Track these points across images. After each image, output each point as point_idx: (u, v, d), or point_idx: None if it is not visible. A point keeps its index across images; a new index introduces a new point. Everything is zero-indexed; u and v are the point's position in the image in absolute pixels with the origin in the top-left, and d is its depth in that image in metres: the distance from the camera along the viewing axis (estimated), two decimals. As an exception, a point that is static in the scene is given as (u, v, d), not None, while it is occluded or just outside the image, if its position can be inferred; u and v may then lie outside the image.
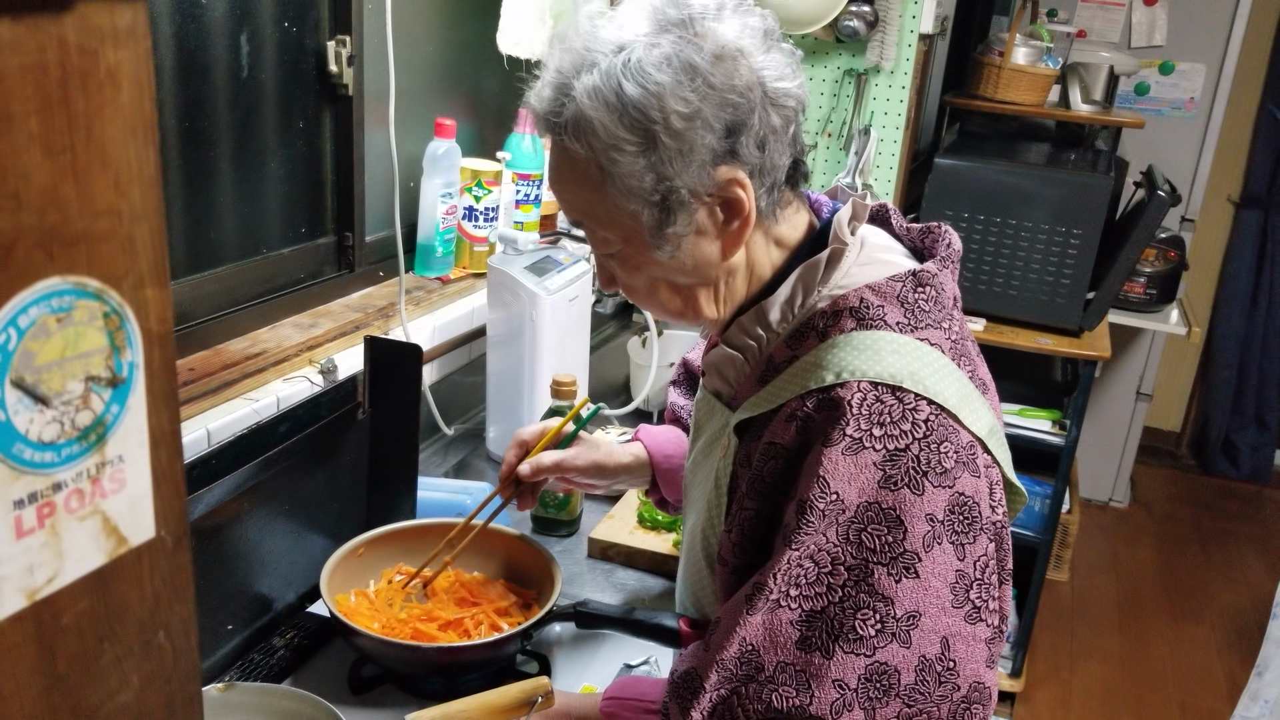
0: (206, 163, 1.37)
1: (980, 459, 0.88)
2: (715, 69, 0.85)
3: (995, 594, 0.88)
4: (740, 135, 0.87)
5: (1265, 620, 2.26)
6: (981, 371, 0.95)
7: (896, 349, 0.88)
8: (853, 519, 0.83)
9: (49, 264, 0.41)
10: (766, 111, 0.88)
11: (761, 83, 0.87)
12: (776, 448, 0.89)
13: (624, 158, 0.87)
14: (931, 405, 0.85)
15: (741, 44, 0.87)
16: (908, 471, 0.83)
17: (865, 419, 0.84)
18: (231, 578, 1.19)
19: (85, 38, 0.41)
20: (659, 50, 0.85)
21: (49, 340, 0.42)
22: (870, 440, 0.84)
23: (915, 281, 0.92)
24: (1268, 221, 4.15)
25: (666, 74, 0.84)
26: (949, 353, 0.90)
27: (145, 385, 0.46)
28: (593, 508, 1.59)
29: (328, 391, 1.31)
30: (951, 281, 0.95)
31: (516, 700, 1.07)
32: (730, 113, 0.86)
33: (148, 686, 0.49)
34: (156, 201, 0.46)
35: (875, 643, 0.82)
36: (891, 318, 0.89)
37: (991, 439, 0.90)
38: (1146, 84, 4.07)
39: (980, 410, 0.90)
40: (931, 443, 0.84)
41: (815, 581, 0.83)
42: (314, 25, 1.51)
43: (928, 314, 0.91)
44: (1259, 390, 4.31)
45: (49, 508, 0.43)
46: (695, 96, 0.85)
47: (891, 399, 0.85)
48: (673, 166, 0.87)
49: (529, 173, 1.88)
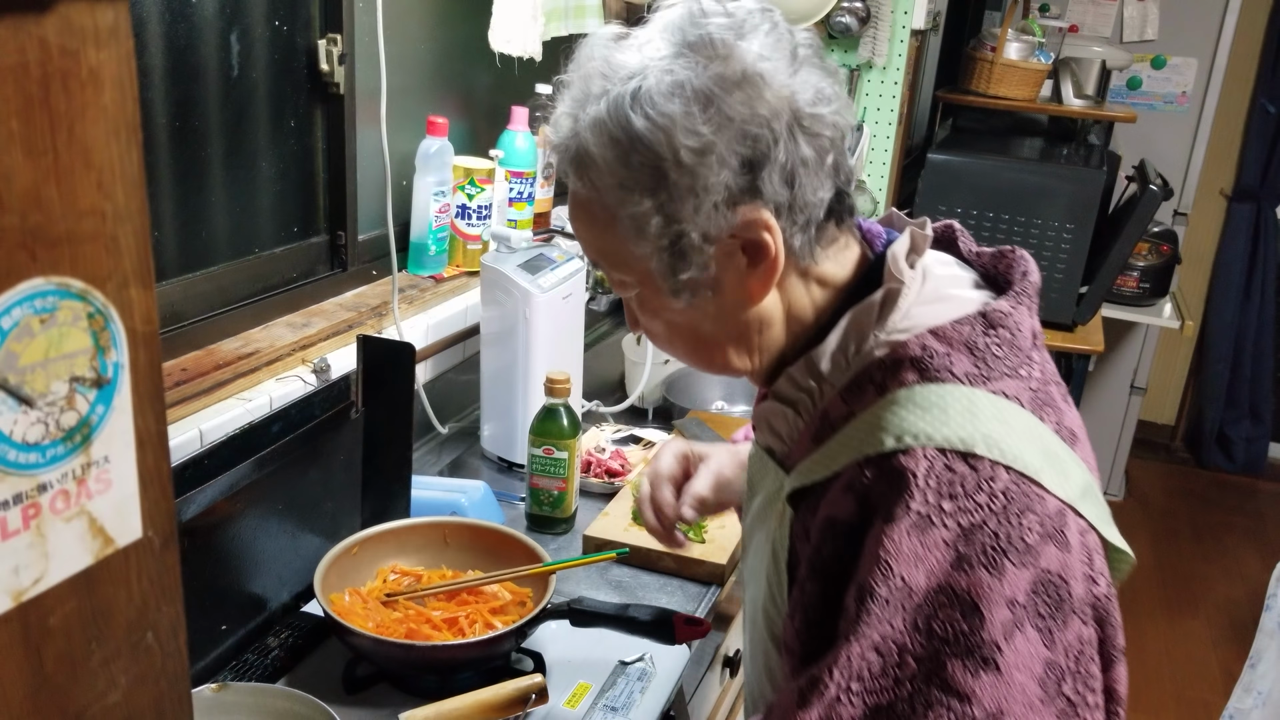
0: (198, 162, 1.37)
1: (1072, 527, 0.75)
2: (732, 95, 0.76)
3: (1096, 685, 0.75)
4: (762, 170, 0.77)
5: (1259, 612, 2.26)
6: (1070, 419, 0.83)
7: (967, 407, 0.76)
8: (921, 605, 0.72)
9: (32, 265, 0.41)
10: (795, 141, 0.78)
11: (790, 109, 0.77)
12: (835, 524, 0.78)
13: (630, 197, 0.79)
14: (1010, 472, 0.74)
15: (764, 66, 0.77)
16: (984, 550, 0.72)
17: (933, 492, 0.73)
18: (225, 578, 1.19)
19: (66, 38, 0.41)
20: (671, 77, 0.76)
21: (33, 341, 0.42)
22: (940, 516, 0.73)
23: (986, 323, 0.80)
24: (1260, 215, 4.16)
25: (676, 104, 0.76)
26: (1030, 405, 0.78)
27: (131, 386, 0.46)
28: (587, 505, 1.59)
29: (321, 391, 1.31)
30: (1030, 318, 0.83)
31: (511, 698, 1.08)
32: (750, 145, 0.76)
33: (136, 687, 0.49)
34: (140, 202, 0.45)
35: None
36: (959, 368, 0.78)
37: (1085, 500, 0.78)
38: (1139, 78, 4.08)
39: (1070, 468, 0.78)
40: (1011, 515, 0.73)
41: (880, 675, 0.72)
42: (305, 24, 1.51)
43: (1002, 361, 0.79)
44: (1253, 383, 4.32)
45: (34, 509, 0.43)
46: (708, 129, 0.75)
47: (963, 467, 0.74)
48: (684, 208, 0.78)
49: (522, 170, 1.88)
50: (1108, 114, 3.07)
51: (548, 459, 1.49)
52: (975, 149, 2.74)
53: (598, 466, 1.68)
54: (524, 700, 1.07)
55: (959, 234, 0.92)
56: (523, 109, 1.88)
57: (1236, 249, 4.20)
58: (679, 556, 1.43)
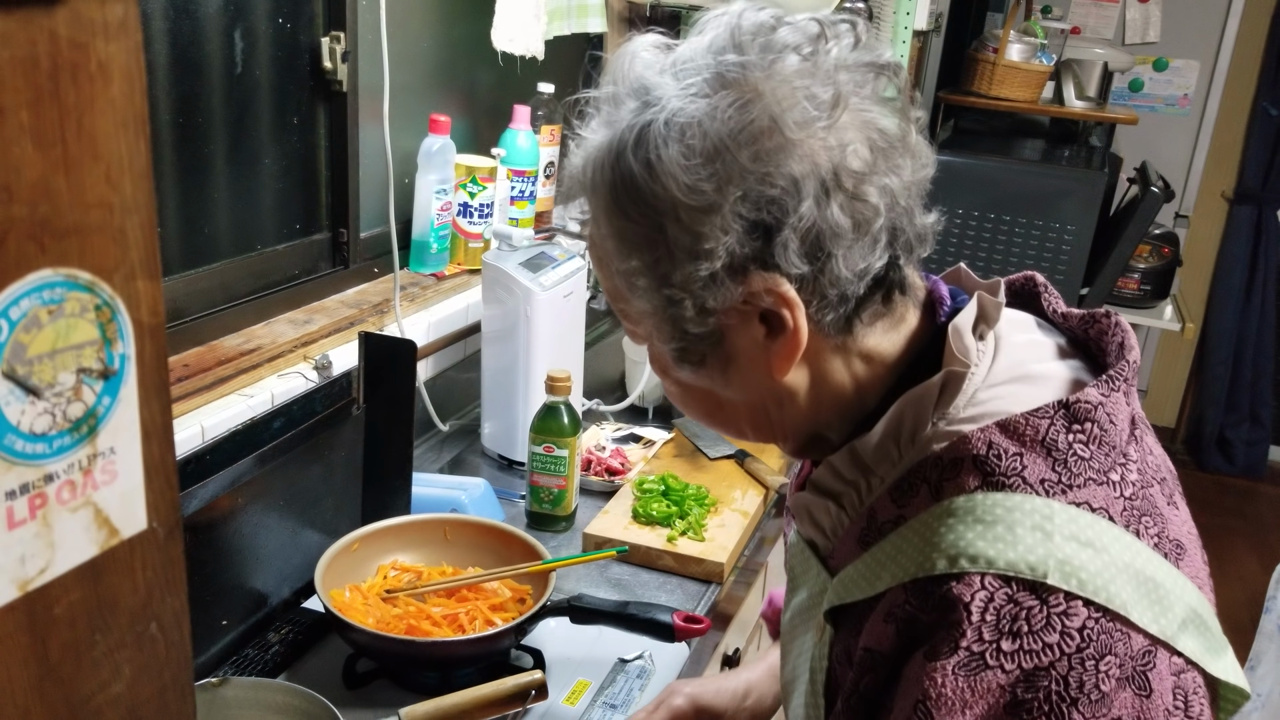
0: (201, 159, 1.37)
1: (1161, 669, 0.63)
2: (747, 148, 0.64)
3: None
4: (776, 237, 0.65)
5: (1259, 615, 2.27)
6: (1175, 527, 0.69)
7: (1040, 524, 0.63)
8: None
9: (40, 256, 0.41)
10: (826, 206, 0.65)
11: (825, 168, 0.65)
12: (874, 656, 0.67)
13: (621, 249, 0.69)
14: (1091, 606, 0.61)
15: (797, 112, 0.64)
16: (1049, 697, 0.60)
17: (991, 628, 0.61)
18: (226, 573, 1.19)
19: (76, 31, 0.41)
20: (683, 117, 0.65)
21: (40, 332, 0.42)
22: (997, 657, 0.61)
23: (1069, 416, 0.66)
24: (1262, 217, 4.17)
25: (676, 150, 0.65)
26: (1123, 518, 0.65)
27: (137, 377, 0.47)
28: (587, 503, 1.60)
29: (322, 387, 1.32)
30: (1127, 404, 0.69)
31: (510, 694, 1.08)
32: (762, 208, 0.65)
33: (140, 678, 0.50)
34: (147, 194, 0.46)
35: None
36: (1033, 474, 0.64)
37: (1186, 631, 0.65)
38: (1140, 80, 4.08)
39: (1171, 597, 0.64)
40: (1087, 659, 0.60)
41: None
42: (308, 21, 1.51)
43: (1089, 463, 0.65)
44: (1253, 386, 4.33)
45: (41, 499, 0.43)
46: (711, 185, 0.64)
47: (1031, 600, 0.61)
48: (677, 271, 0.67)
49: (524, 169, 1.88)
50: (1109, 116, 3.07)
51: (548, 457, 1.49)
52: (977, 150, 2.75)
53: (598, 465, 1.69)
54: (523, 697, 1.08)
55: (1042, 289, 0.78)
56: (525, 108, 1.88)
57: (1237, 252, 4.21)
58: (679, 555, 1.43)
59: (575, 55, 2.34)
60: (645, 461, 1.69)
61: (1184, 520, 0.71)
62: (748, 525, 1.52)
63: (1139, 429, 0.70)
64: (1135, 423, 0.70)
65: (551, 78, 2.00)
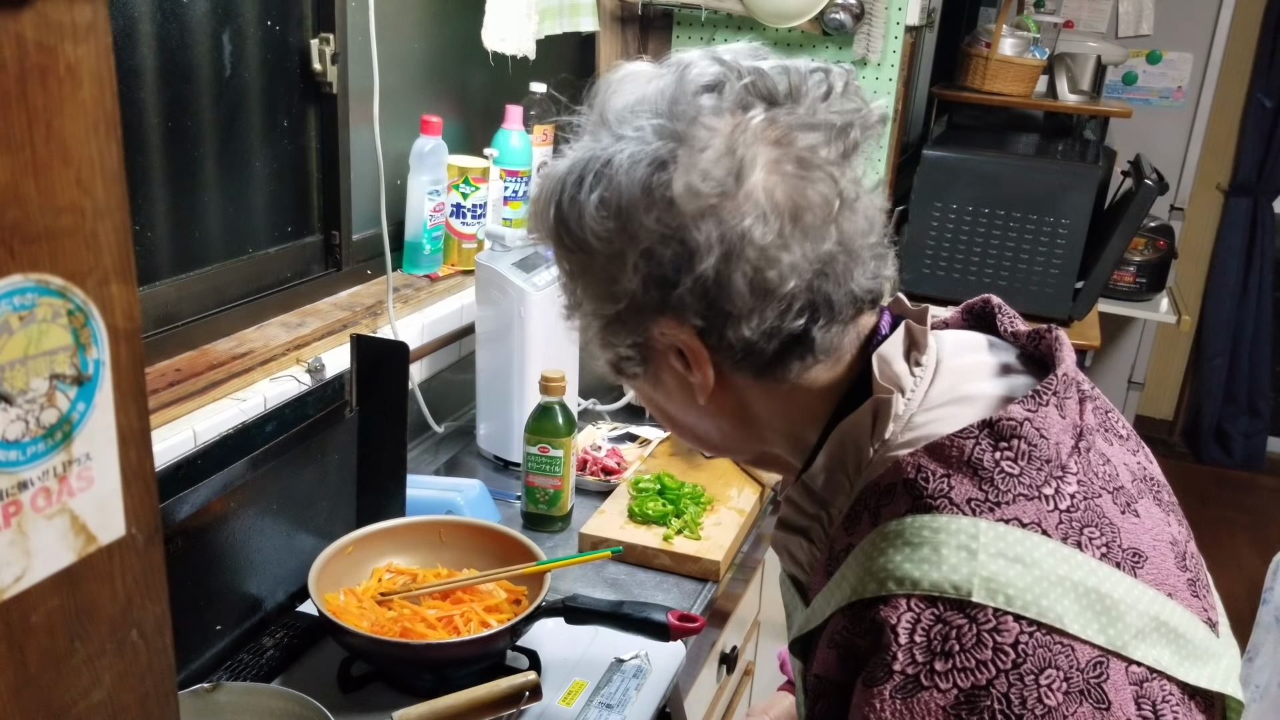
0: (191, 162, 1.36)
1: (1116, 679, 0.62)
2: (653, 209, 0.67)
3: None
4: (673, 291, 0.69)
5: (1257, 606, 2.27)
6: (1130, 537, 0.68)
7: (965, 544, 0.63)
8: None
9: (10, 261, 0.41)
10: (725, 273, 0.67)
11: (730, 238, 0.67)
12: (823, 683, 0.68)
13: (560, 266, 0.75)
14: (1022, 621, 0.61)
15: (706, 184, 0.66)
16: (993, 717, 0.60)
17: (921, 649, 0.62)
18: (219, 577, 1.19)
19: (44, 34, 0.41)
20: (615, 162, 0.68)
21: (11, 338, 0.42)
22: (931, 678, 0.61)
23: (993, 435, 0.66)
24: (1257, 209, 4.16)
25: (595, 197, 0.69)
26: (1058, 531, 0.65)
27: (112, 383, 0.46)
28: (583, 503, 1.59)
29: (315, 390, 1.31)
30: (1061, 416, 0.69)
31: (505, 696, 1.08)
32: (663, 265, 0.68)
33: (121, 685, 0.49)
34: (120, 197, 0.45)
35: None
36: (959, 494, 0.65)
37: (1145, 640, 0.64)
38: (1134, 73, 4.08)
39: (1121, 606, 0.64)
40: (1026, 674, 0.60)
41: None
42: (297, 23, 1.51)
43: (1016, 479, 0.65)
44: (1250, 377, 4.32)
45: (15, 506, 0.43)
46: (619, 238, 0.69)
47: (960, 619, 0.62)
48: (596, 301, 0.73)
49: (517, 169, 1.88)
50: (1103, 109, 3.07)
51: (543, 457, 1.49)
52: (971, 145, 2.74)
53: (594, 464, 1.68)
54: (518, 698, 1.07)
55: (997, 310, 0.79)
56: (517, 107, 1.88)
57: (1233, 243, 4.20)
58: (675, 554, 1.43)
59: (567, 54, 2.34)
60: (641, 460, 1.69)
61: (1148, 528, 0.70)
62: (744, 523, 1.52)
63: (1086, 439, 0.70)
64: (1082, 434, 0.69)
65: (543, 77, 2.00)
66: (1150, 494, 0.75)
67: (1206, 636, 0.69)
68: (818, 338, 0.71)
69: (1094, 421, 0.73)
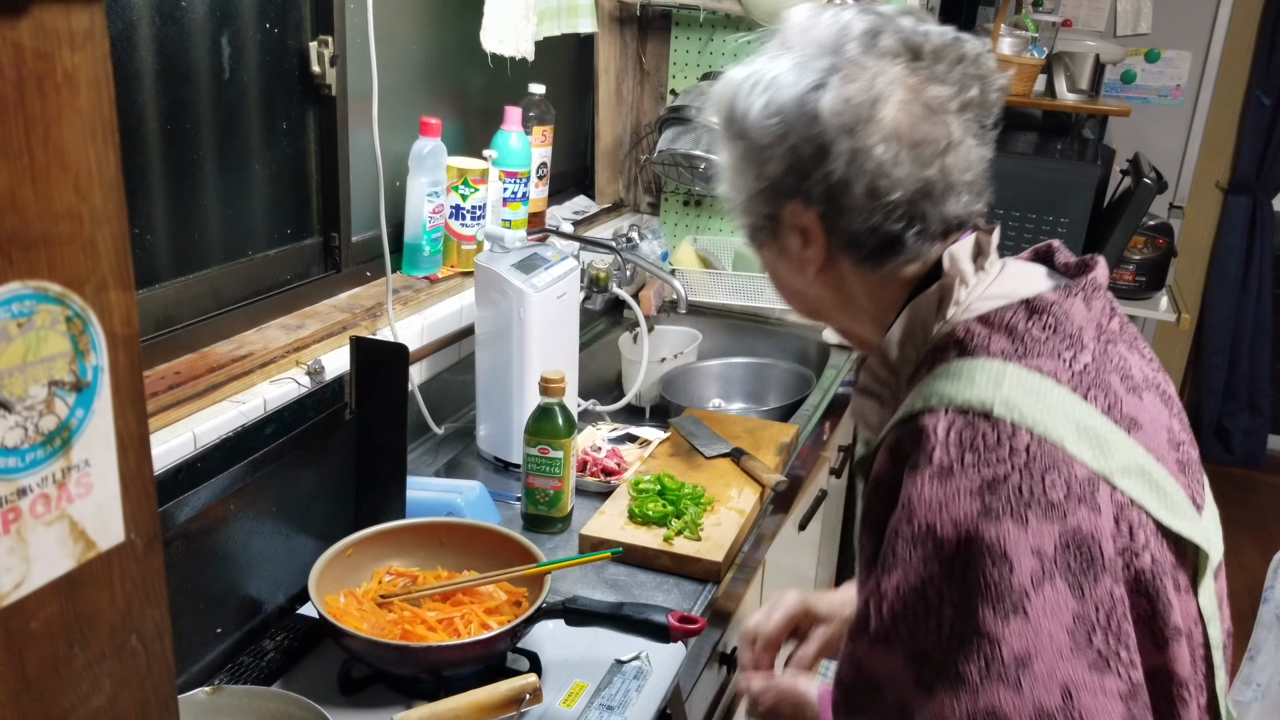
0: (190, 165, 1.36)
1: (1104, 495, 0.78)
2: (805, 119, 0.85)
3: (1130, 643, 0.77)
4: (803, 183, 0.87)
5: (1258, 605, 2.26)
6: (1129, 407, 0.84)
7: (993, 376, 0.81)
8: (954, 554, 0.76)
9: (8, 268, 0.41)
10: (848, 176, 0.85)
11: (859, 150, 0.84)
12: (878, 481, 0.85)
13: (721, 148, 0.94)
14: (1032, 435, 0.78)
15: (847, 112, 0.84)
16: (1009, 501, 0.76)
17: (954, 445, 0.78)
18: (220, 580, 1.19)
19: (41, 41, 0.41)
20: (783, 79, 0.87)
21: (10, 345, 0.42)
22: (960, 467, 0.77)
23: (1028, 309, 0.85)
24: (1256, 206, 4.16)
25: (762, 99, 0.88)
26: (1069, 382, 0.82)
27: (111, 389, 0.46)
28: (583, 504, 1.59)
29: (315, 393, 1.31)
30: (1085, 310, 0.86)
31: (506, 698, 1.08)
32: (801, 160, 0.86)
33: (121, 690, 0.49)
34: (118, 204, 0.45)
35: (981, 687, 0.74)
36: (996, 346, 0.84)
37: (1131, 479, 0.80)
38: (1133, 72, 4.08)
39: (1112, 445, 0.80)
40: (1034, 471, 0.76)
41: (912, 615, 0.78)
42: (296, 26, 1.51)
43: (1041, 342, 0.83)
44: (1250, 375, 4.32)
45: (14, 513, 0.43)
46: (775, 133, 0.87)
47: (984, 425, 0.79)
48: (743, 178, 0.92)
49: (516, 170, 1.88)
50: (1102, 108, 3.06)
51: (543, 458, 1.49)
52: (970, 144, 2.74)
53: (594, 465, 1.68)
54: (518, 700, 1.07)
55: (1057, 250, 0.97)
56: (516, 109, 1.88)
57: (1233, 241, 4.20)
58: (676, 554, 1.43)
59: (566, 56, 2.34)
60: (641, 461, 1.69)
61: (1148, 410, 0.86)
62: (744, 523, 1.52)
63: (1107, 335, 0.87)
64: (1102, 330, 0.87)
65: (542, 78, 2.00)
66: (1159, 396, 0.89)
67: (1186, 503, 0.84)
68: (909, 242, 0.88)
69: (1117, 329, 0.90)
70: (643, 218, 2.63)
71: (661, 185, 2.62)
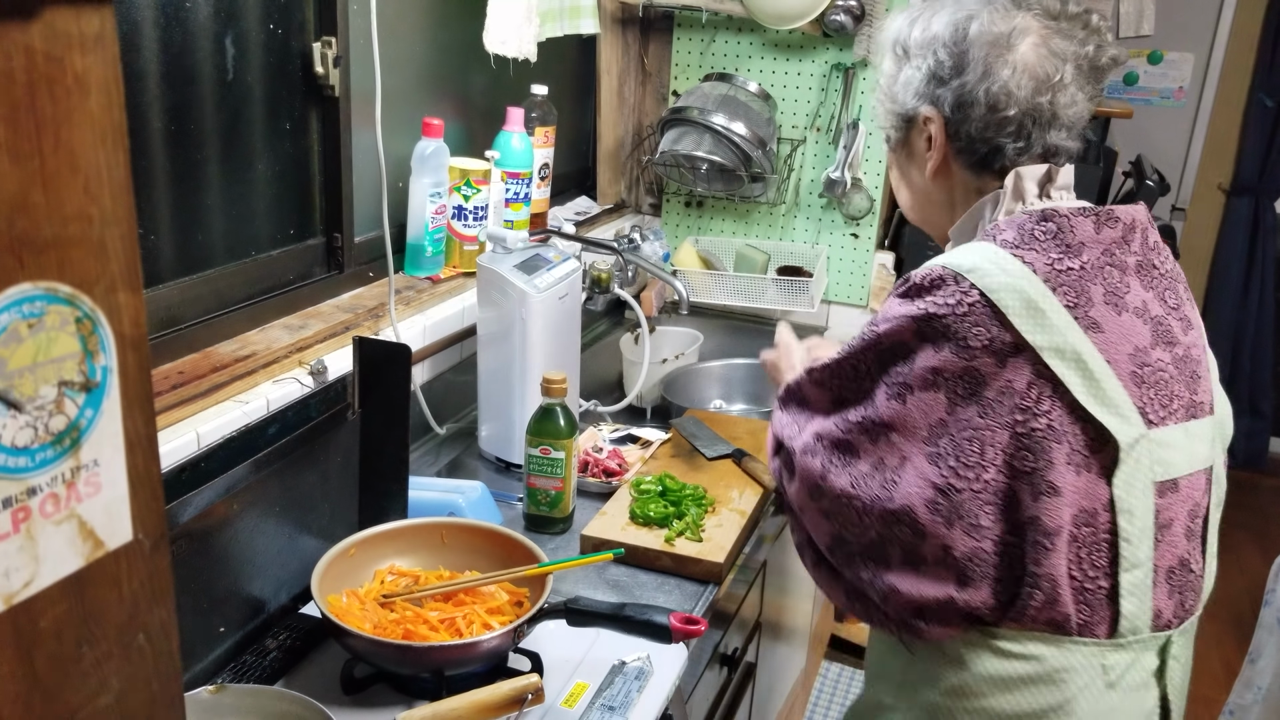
0: (194, 166, 1.37)
1: (1021, 363, 0.99)
2: (953, 40, 1.11)
3: (967, 462, 1.01)
4: (940, 89, 1.12)
5: (1259, 608, 2.27)
6: (1097, 313, 1.02)
7: (983, 253, 1.03)
8: (883, 348, 1.06)
9: (19, 270, 0.41)
10: (977, 89, 1.09)
11: (992, 71, 1.08)
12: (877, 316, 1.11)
13: (889, 61, 1.20)
14: (981, 295, 1.00)
15: (983, 42, 1.09)
16: (935, 331, 1.02)
17: (921, 281, 1.04)
18: (223, 580, 1.19)
19: (52, 45, 0.41)
20: (943, 15, 1.13)
21: (21, 346, 0.42)
22: (918, 297, 1.04)
23: (1040, 218, 1.06)
24: (1259, 209, 4.16)
25: (921, 24, 1.14)
26: (1043, 273, 1.01)
27: (120, 389, 0.46)
28: (585, 505, 1.60)
29: (317, 393, 1.32)
30: (1094, 232, 1.05)
31: (507, 698, 1.08)
32: (942, 70, 1.11)
33: (128, 689, 0.50)
34: (127, 206, 0.46)
35: (854, 429, 1.08)
36: (1001, 236, 1.06)
37: (1059, 358, 0.99)
38: (1135, 74, 4.08)
39: (1052, 324, 0.99)
40: (966, 320, 1.00)
41: (846, 374, 1.11)
42: (299, 27, 1.51)
43: (1039, 242, 1.04)
44: (1252, 378, 4.32)
45: (24, 512, 0.43)
46: (924, 47, 1.13)
47: (949, 275, 1.02)
48: (894, 83, 1.18)
49: (518, 171, 1.88)
50: (1104, 110, 3.06)
51: (545, 459, 1.49)
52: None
53: (595, 466, 1.69)
54: (520, 700, 1.08)
55: None
56: (518, 110, 1.88)
57: (1235, 244, 4.20)
58: (677, 555, 1.43)
59: (568, 57, 2.34)
60: (643, 462, 1.69)
61: (1123, 325, 1.03)
62: (745, 524, 1.52)
63: (1115, 262, 1.05)
64: (1110, 254, 1.05)
65: (545, 80, 2.00)
66: (1151, 325, 1.06)
67: (1128, 406, 1.01)
68: (1009, 153, 1.11)
69: (1132, 262, 1.07)
70: (644, 219, 2.63)
71: (663, 186, 2.62)
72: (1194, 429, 1.08)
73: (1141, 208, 1.12)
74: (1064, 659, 1.03)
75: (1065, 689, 1.03)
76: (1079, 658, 1.03)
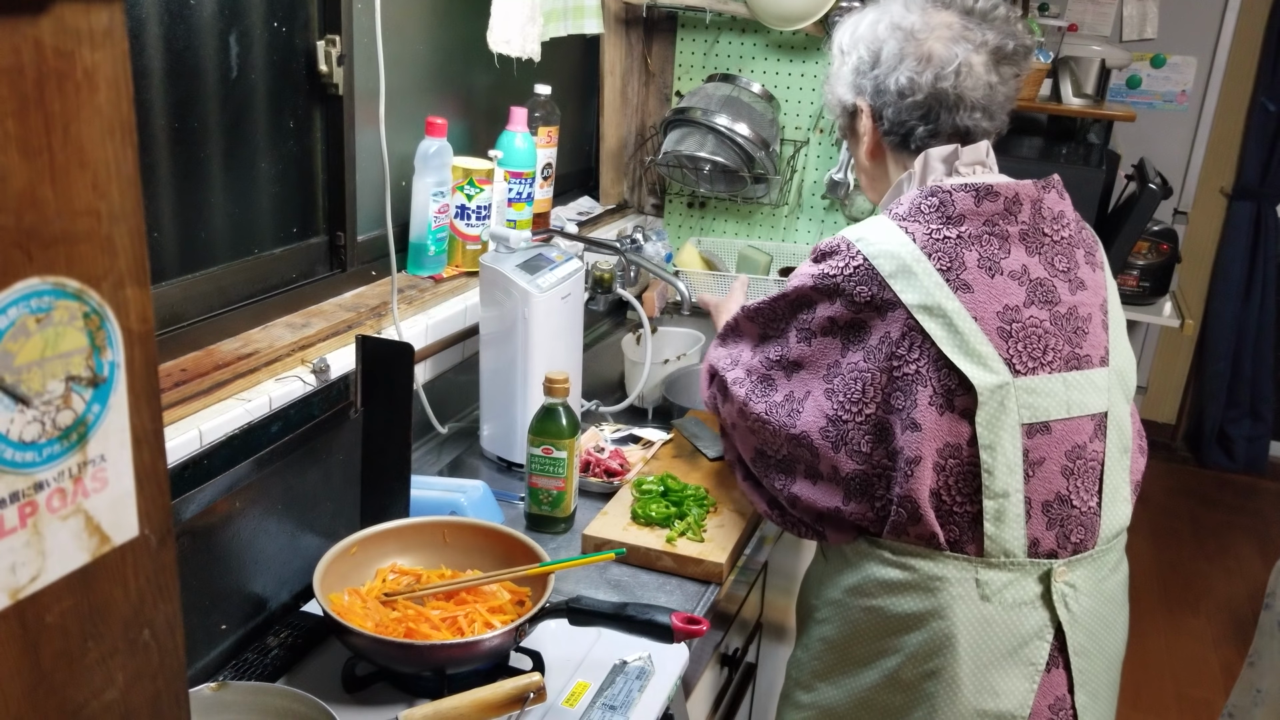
0: (197, 163, 1.37)
1: (899, 315, 1.18)
2: (874, 37, 1.28)
3: (852, 398, 1.21)
4: (861, 79, 1.31)
5: (1260, 611, 2.26)
6: (970, 276, 1.19)
7: (874, 224, 1.24)
8: (793, 299, 1.28)
9: (28, 264, 0.41)
10: (890, 79, 1.27)
11: (905, 62, 1.26)
12: None
13: (835, 57, 1.39)
14: (864, 259, 1.20)
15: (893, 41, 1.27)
16: (830, 289, 1.23)
17: (825, 250, 1.25)
18: (225, 577, 1.19)
19: (61, 39, 0.41)
20: (870, 15, 1.32)
21: (29, 340, 0.42)
22: (820, 261, 1.25)
23: (928, 194, 1.23)
24: (1260, 213, 4.16)
25: (852, 27, 1.34)
26: (920, 239, 1.20)
27: (127, 385, 0.46)
28: (586, 505, 1.60)
29: (320, 391, 1.32)
30: (974, 206, 1.21)
31: (509, 697, 1.08)
32: (864, 62, 1.30)
33: (133, 685, 0.50)
34: (135, 201, 0.46)
35: (774, 365, 1.31)
36: (896, 211, 1.24)
37: (927, 315, 1.17)
38: (1138, 77, 4.08)
39: (918, 283, 1.18)
40: (852, 280, 1.21)
41: (765, 318, 1.34)
42: (303, 25, 1.51)
43: (923, 215, 1.21)
44: (1253, 382, 4.32)
45: (31, 507, 0.43)
46: (850, 44, 1.33)
47: (841, 244, 1.23)
48: (838, 80, 1.37)
49: (521, 170, 1.88)
50: (1107, 113, 3.07)
51: (546, 459, 1.49)
52: (974, 148, 2.74)
53: (597, 466, 1.69)
54: (522, 699, 1.07)
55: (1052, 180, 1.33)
56: (521, 109, 1.88)
57: (1237, 247, 4.20)
58: (678, 555, 1.43)
59: (572, 57, 2.34)
60: (644, 462, 1.69)
61: (994, 286, 1.20)
62: (747, 525, 1.52)
63: (997, 232, 1.22)
64: (992, 225, 1.22)
65: (548, 79, 2.00)
66: (1029, 288, 1.22)
67: (994, 357, 1.18)
68: (920, 134, 1.28)
69: (1016, 233, 1.22)
70: (647, 219, 2.63)
71: (666, 187, 2.62)
72: (1074, 379, 1.23)
73: (1029, 183, 1.25)
74: (938, 569, 1.21)
75: (940, 596, 1.21)
76: (951, 569, 1.21)
